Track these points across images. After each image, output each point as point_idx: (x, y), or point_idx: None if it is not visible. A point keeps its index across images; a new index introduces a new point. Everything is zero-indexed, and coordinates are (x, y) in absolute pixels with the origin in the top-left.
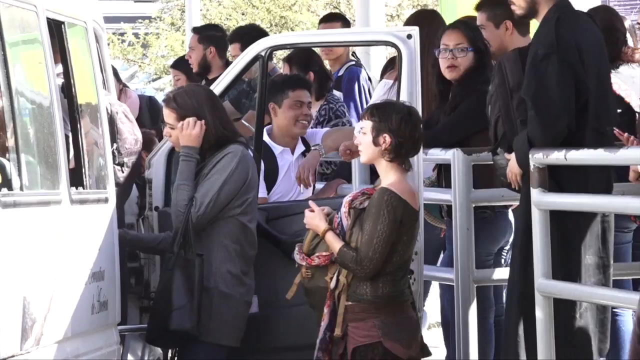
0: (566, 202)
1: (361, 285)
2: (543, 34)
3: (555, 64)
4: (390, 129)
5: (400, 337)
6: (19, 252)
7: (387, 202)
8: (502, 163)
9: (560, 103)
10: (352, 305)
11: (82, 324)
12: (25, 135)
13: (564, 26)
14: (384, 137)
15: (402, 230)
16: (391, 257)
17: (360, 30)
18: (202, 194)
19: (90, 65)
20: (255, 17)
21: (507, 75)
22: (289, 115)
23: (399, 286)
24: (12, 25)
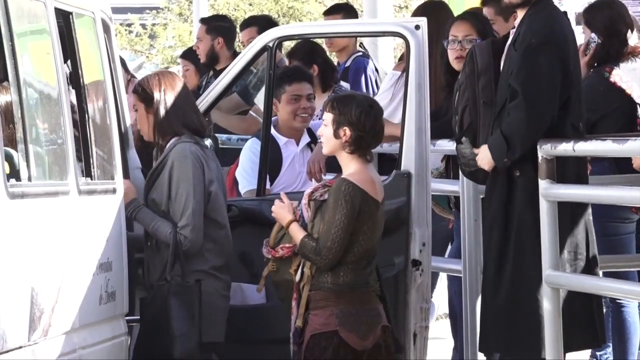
0: (575, 194)
1: (323, 273)
2: (537, 24)
3: (548, 54)
4: (350, 122)
5: (357, 328)
6: (27, 243)
7: (344, 192)
8: (465, 152)
9: (549, 94)
10: (314, 294)
11: (90, 314)
12: (33, 126)
13: (556, 19)
14: (344, 130)
15: (362, 220)
16: (352, 246)
17: (368, 21)
18: (180, 217)
19: (99, 56)
20: (263, 7)
21: (477, 64)
22: (288, 109)
23: (361, 276)
24: (20, 16)
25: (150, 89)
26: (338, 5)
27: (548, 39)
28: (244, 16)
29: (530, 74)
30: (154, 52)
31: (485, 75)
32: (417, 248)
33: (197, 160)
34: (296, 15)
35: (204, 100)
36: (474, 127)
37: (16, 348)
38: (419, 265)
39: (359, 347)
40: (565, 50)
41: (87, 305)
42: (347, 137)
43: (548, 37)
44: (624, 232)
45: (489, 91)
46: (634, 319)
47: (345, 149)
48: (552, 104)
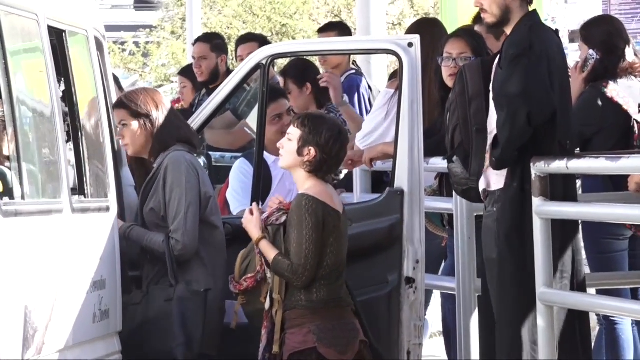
0: (568, 212)
1: (296, 292)
2: (517, 37)
3: (524, 66)
4: (317, 144)
5: (335, 343)
6: (20, 261)
7: (306, 206)
8: (457, 171)
9: (520, 96)
10: (289, 313)
11: (84, 332)
12: (26, 144)
13: (537, 35)
14: (309, 150)
15: (327, 232)
16: (321, 260)
17: (361, 39)
18: (172, 222)
19: (92, 74)
20: (256, 25)
21: (467, 84)
22: (273, 130)
23: (334, 290)
24: (13, 34)
25: (144, 105)
26: (332, 23)
27: (525, 51)
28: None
29: (505, 84)
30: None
31: (476, 100)
32: (411, 265)
33: (191, 166)
34: (289, 33)
35: (198, 117)
36: (464, 147)
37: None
38: (413, 283)
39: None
40: (543, 65)
41: (81, 324)
42: (311, 157)
43: (526, 49)
44: (617, 250)
45: (480, 117)
46: (627, 335)
47: (305, 168)
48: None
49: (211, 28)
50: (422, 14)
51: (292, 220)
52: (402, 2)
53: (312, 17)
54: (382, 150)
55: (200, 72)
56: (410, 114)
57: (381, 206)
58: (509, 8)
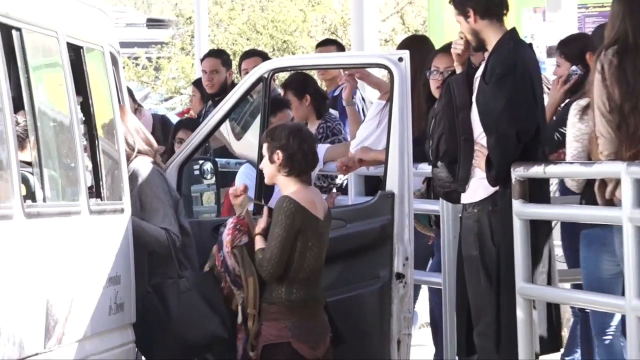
0: (545, 213)
1: (277, 288)
2: (502, 55)
3: (510, 85)
4: (280, 145)
5: (308, 339)
6: (42, 258)
7: (285, 207)
8: (441, 176)
9: (508, 117)
10: (267, 306)
11: (101, 324)
12: (47, 151)
13: (519, 54)
14: (277, 154)
15: (307, 236)
16: (302, 263)
17: (355, 54)
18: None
19: (107, 87)
20: (259, 42)
21: (454, 96)
22: None
23: (312, 291)
24: (35, 50)
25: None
26: (330, 39)
27: (511, 70)
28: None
29: (491, 103)
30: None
31: (463, 112)
32: (401, 262)
33: (153, 170)
34: (290, 48)
35: (205, 126)
36: (450, 154)
37: (32, 355)
38: (402, 278)
39: (310, 356)
40: (527, 82)
41: (98, 316)
42: (280, 159)
43: (511, 67)
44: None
45: (467, 127)
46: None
47: (281, 172)
48: (510, 124)
49: (218, 44)
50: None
51: (273, 216)
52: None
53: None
54: (374, 156)
55: (212, 85)
56: (400, 123)
57: (373, 208)
58: (477, 31)
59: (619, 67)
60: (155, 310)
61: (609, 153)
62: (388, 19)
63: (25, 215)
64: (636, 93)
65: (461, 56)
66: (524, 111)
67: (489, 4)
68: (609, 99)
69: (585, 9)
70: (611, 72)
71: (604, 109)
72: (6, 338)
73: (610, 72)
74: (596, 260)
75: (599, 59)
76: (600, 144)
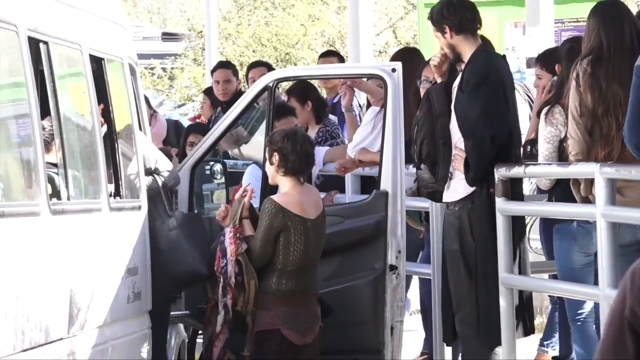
0: (526, 209)
1: (268, 279)
2: (477, 66)
3: (484, 93)
4: (277, 148)
5: (297, 327)
6: (66, 252)
7: (267, 209)
8: (424, 177)
9: (483, 123)
10: (261, 296)
11: (120, 311)
12: (71, 153)
13: (493, 64)
14: (274, 156)
15: (289, 233)
16: (287, 258)
17: (352, 65)
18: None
19: (126, 95)
20: (264, 53)
21: (434, 104)
22: None
23: (302, 283)
24: (60, 61)
25: None
26: (332, 50)
27: (484, 79)
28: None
29: (467, 112)
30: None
31: (442, 118)
32: (394, 255)
33: None
34: (292, 60)
35: (215, 130)
36: (431, 157)
37: (57, 340)
38: (395, 270)
39: (299, 342)
40: (501, 91)
41: (117, 304)
42: (277, 160)
43: (485, 77)
44: None
45: (446, 132)
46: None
47: (279, 173)
48: (486, 129)
49: (226, 56)
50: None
51: (260, 215)
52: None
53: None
54: (369, 158)
55: (225, 93)
56: (394, 128)
57: (369, 205)
58: (453, 46)
59: (592, 75)
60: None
61: (576, 153)
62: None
63: (51, 212)
64: (608, 97)
65: (439, 68)
66: (498, 117)
67: (462, 21)
68: (581, 104)
69: (562, 24)
70: (585, 79)
71: (575, 113)
72: (34, 324)
73: (584, 80)
74: (567, 252)
75: (575, 69)
76: (570, 145)
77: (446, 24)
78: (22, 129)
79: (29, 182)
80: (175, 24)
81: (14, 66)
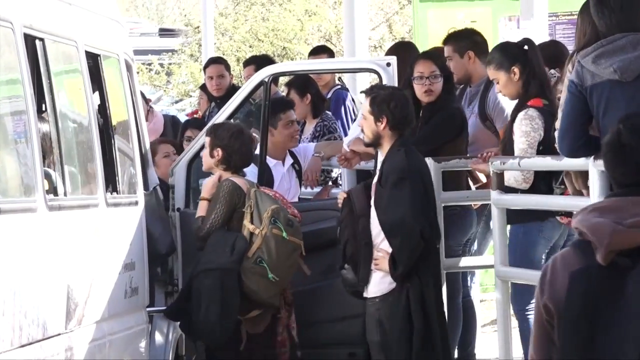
0: (518, 201)
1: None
2: (395, 161)
3: (407, 188)
4: (222, 144)
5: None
6: (63, 247)
7: (224, 186)
8: (348, 277)
9: (410, 218)
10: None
11: (117, 306)
12: (68, 149)
13: (411, 158)
14: (217, 151)
15: (241, 214)
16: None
17: (347, 59)
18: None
19: (122, 91)
20: (261, 49)
21: (354, 204)
22: (286, 133)
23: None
24: (56, 58)
25: None
26: (321, 46)
27: (405, 174)
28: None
29: (393, 207)
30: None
31: (362, 218)
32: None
33: None
34: (289, 55)
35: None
36: (355, 258)
37: (55, 335)
38: None
39: (251, 330)
40: (420, 182)
41: (114, 299)
42: (219, 156)
43: (405, 171)
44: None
45: (367, 232)
46: None
47: (219, 167)
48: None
49: (223, 52)
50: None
51: (215, 194)
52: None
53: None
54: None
55: (219, 88)
56: None
57: None
58: (379, 134)
59: None
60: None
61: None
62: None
63: (48, 208)
64: None
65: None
66: (422, 211)
67: (396, 121)
68: None
69: (556, 17)
70: None
71: None
72: (31, 320)
73: None
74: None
75: (571, 61)
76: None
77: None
78: (18, 125)
79: (25, 178)
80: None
81: (10, 63)
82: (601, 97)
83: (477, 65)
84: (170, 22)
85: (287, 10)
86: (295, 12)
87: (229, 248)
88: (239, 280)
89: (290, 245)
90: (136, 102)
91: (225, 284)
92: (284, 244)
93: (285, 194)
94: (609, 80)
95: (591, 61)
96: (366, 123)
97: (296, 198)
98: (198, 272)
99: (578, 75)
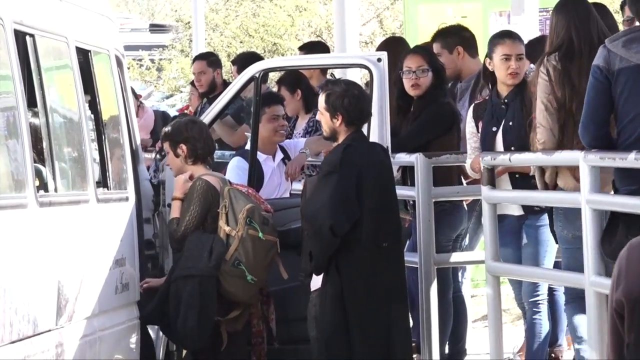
0: (508, 197)
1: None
2: (330, 156)
3: (333, 181)
4: (182, 139)
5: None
6: (54, 243)
7: (198, 186)
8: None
9: (323, 211)
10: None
11: (108, 302)
12: (58, 145)
13: (350, 152)
14: (180, 148)
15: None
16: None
17: (338, 55)
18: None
19: (113, 86)
20: (252, 44)
21: (304, 195)
22: (269, 127)
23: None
24: (47, 54)
25: None
26: (312, 42)
27: (336, 168)
28: (237, 52)
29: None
30: (161, 82)
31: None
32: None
33: None
34: (279, 50)
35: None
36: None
37: (46, 331)
38: None
39: (231, 329)
40: (352, 177)
41: (105, 295)
42: (185, 152)
43: (336, 166)
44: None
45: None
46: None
47: (188, 163)
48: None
49: (214, 47)
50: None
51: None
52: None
53: (297, 38)
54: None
55: (200, 85)
56: (380, 117)
57: None
58: (336, 130)
59: (563, 71)
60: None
61: (544, 141)
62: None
63: (38, 204)
64: (581, 93)
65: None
66: (341, 206)
67: (351, 117)
68: (555, 99)
69: (547, 12)
70: (556, 75)
71: (550, 105)
72: (21, 316)
73: (555, 76)
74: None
75: (543, 64)
76: (539, 133)
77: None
78: (8, 121)
79: (16, 174)
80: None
81: (0, 59)
82: (626, 83)
83: (466, 60)
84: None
85: (278, 6)
86: (285, 8)
87: (206, 252)
88: (218, 283)
89: (266, 244)
90: (127, 98)
91: (204, 291)
92: (261, 244)
93: (275, 188)
94: (636, 65)
95: (621, 45)
96: (323, 119)
97: (287, 193)
98: (176, 277)
99: (605, 60)
